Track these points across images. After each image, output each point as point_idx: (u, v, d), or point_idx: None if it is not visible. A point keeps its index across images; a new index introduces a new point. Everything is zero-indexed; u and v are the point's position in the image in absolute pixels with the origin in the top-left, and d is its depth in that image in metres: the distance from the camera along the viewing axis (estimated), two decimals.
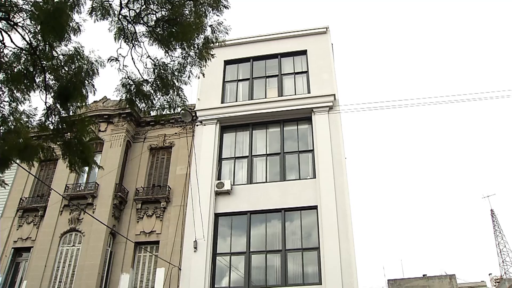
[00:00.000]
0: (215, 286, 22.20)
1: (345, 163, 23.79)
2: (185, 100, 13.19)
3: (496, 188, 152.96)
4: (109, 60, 12.46)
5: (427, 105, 24.33)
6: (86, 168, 25.45)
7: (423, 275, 56.44)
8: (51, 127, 12.53)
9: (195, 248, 22.54)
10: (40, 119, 12.69)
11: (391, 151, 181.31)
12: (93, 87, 12.50)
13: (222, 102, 26.79)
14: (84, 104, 12.85)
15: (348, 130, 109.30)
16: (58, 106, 12.36)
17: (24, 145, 12.11)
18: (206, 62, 13.00)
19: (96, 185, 24.61)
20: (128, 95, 12.78)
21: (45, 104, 12.34)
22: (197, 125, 26.00)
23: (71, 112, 12.49)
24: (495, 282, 63.58)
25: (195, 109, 26.04)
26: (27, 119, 13.03)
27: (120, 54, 12.55)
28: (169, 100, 12.94)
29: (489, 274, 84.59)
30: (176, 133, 26.31)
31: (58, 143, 12.45)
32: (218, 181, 24.08)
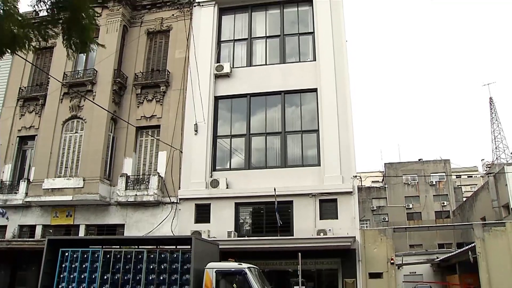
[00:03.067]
0: (216, 167, 22.85)
1: (346, 46, 23.35)
2: None
3: (496, 76, 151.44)
4: None
5: None
6: (84, 55, 25.30)
7: (419, 159, 57.84)
8: (45, 12, 12.00)
9: (196, 131, 22.88)
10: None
11: (391, 35, 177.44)
12: None
13: None
14: None
15: (349, 13, 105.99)
16: None
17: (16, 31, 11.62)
18: None
19: (95, 71, 24.39)
20: None
21: None
22: (194, 7, 25.20)
23: None
24: (486, 167, 65.37)
25: None
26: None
27: None
28: None
29: (481, 160, 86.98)
30: (173, 15, 25.47)
31: (54, 26, 11.97)
32: (217, 64, 23.86)
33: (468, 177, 76.01)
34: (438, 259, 43.36)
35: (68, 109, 24.42)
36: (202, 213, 21.90)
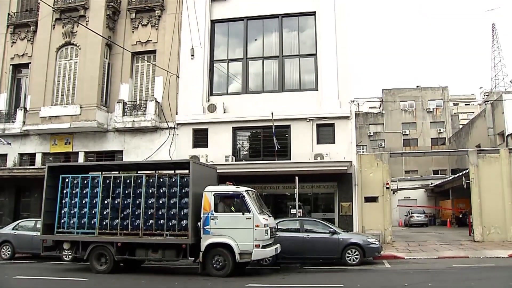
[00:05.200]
0: (213, 92, 22.73)
1: None
2: None
3: (501, 1, 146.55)
4: None
5: None
6: None
7: (417, 86, 57.22)
8: None
9: (192, 55, 22.56)
10: None
11: None
12: None
13: None
14: None
15: None
16: None
17: None
18: None
19: None
20: None
21: None
22: None
23: None
24: (484, 95, 65.15)
25: None
26: None
27: None
28: None
29: (479, 88, 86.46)
30: None
31: None
32: None
33: (465, 104, 75.79)
34: (432, 185, 44.33)
35: (61, 35, 23.91)
36: (200, 138, 22.07)
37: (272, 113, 20.00)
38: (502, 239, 20.81)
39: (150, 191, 14.24)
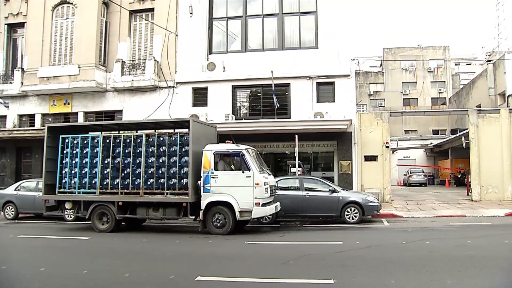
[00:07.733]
0: (213, 51, 22.47)
1: None
2: None
3: None
4: None
5: None
6: None
7: (418, 44, 56.47)
8: None
9: (191, 13, 22.18)
10: None
11: None
12: None
13: None
14: None
15: None
16: None
17: None
18: None
19: None
20: None
21: None
22: None
23: None
24: (486, 55, 64.21)
25: None
26: None
27: None
28: None
29: (482, 47, 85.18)
30: None
31: None
32: None
33: (467, 64, 74.81)
34: (431, 144, 44.39)
35: None
36: (199, 96, 21.96)
37: (272, 72, 19.82)
38: (499, 198, 21.00)
39: (150, 150, 14.18)
